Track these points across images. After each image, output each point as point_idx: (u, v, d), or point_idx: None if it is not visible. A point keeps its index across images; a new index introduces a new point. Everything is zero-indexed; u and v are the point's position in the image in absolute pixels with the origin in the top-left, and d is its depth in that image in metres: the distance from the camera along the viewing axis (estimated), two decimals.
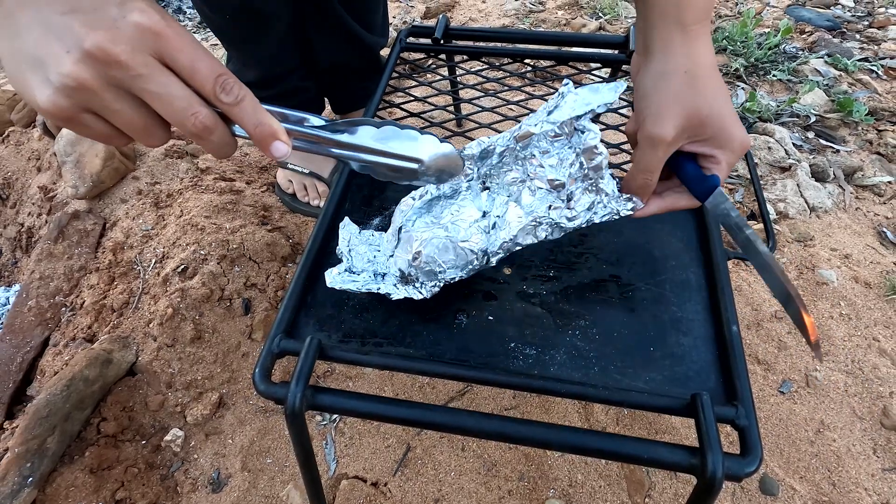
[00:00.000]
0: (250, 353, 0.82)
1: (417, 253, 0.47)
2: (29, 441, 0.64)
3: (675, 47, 0.46)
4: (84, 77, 0.30)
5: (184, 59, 0.32)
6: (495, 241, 0.47)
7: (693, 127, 0.44)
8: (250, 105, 0.34)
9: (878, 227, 1.03)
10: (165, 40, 0.31)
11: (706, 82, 0.45)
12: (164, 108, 0.32)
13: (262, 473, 0.72)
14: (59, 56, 0.30)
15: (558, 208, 0.47)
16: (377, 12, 0.97)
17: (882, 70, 1.38)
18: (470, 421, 0.42)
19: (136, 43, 0.31)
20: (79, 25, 0.30)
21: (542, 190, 0.47)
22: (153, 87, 0.31)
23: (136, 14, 0.31)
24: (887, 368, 0.81)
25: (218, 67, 0.33)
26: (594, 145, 0.45)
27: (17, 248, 1.11)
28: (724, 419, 0.42)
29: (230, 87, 0.33)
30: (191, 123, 0.33)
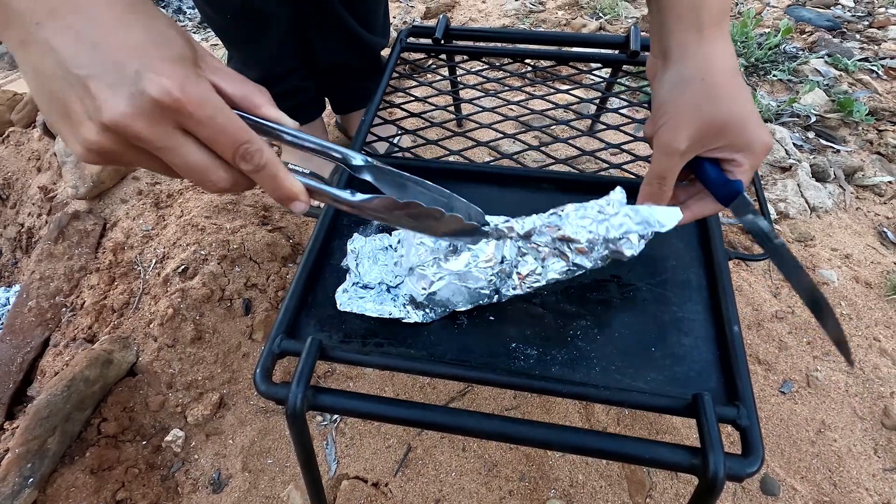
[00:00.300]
0: (251, 353, 0.82)
1: (433, 293, 0.48)
2: (29, 441, 0.64)
3: (692, 52, 0.45)
4: (107, 145, 0.30)
5: (204, 132, 0.31)
6: (511, 289, 0.49)
7: (710, 136, 0.44)
8: (270, 172, 0.34)
9: (879, 227, 1.03)
10: (183, 115, 0.30)
11: (724, 90, 0.44)
12: (186, 174, 0.33)
13: (263, 474, 0.72)
14: (82, 122, 0.30)
15: (574, 272, 0.49)
16: (378, 13, 0.97)
17: (882, 70, 1.38)
18: (471, 421, 0.42)
19: (154, 118, 0.30)
20: (98, 91, 0.29)
21: (564, 263, 0.48)
22: (173, 159, 0.31)
23: (152, 86, 0.29)
24: (888, 368, 0.81)
25: (239, 135, 0.32)
26: (625, 254, 0.47)
27: (18, 249, 1.11)
28: (726, 419, 0.42)
29: (250, 157, 0.33)
30: (210, 188, 0.34)
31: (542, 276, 0.49)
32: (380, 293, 0.51)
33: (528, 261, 0.49)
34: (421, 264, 0.48)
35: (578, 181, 0.63)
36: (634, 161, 0.70)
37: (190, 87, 0.30)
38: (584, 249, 0.47)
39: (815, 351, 0.84)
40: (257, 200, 1.01)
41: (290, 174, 0.35)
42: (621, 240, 0.47)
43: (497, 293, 0.50)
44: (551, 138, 0.77)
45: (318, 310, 0.52)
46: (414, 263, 0.48)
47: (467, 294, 0.49)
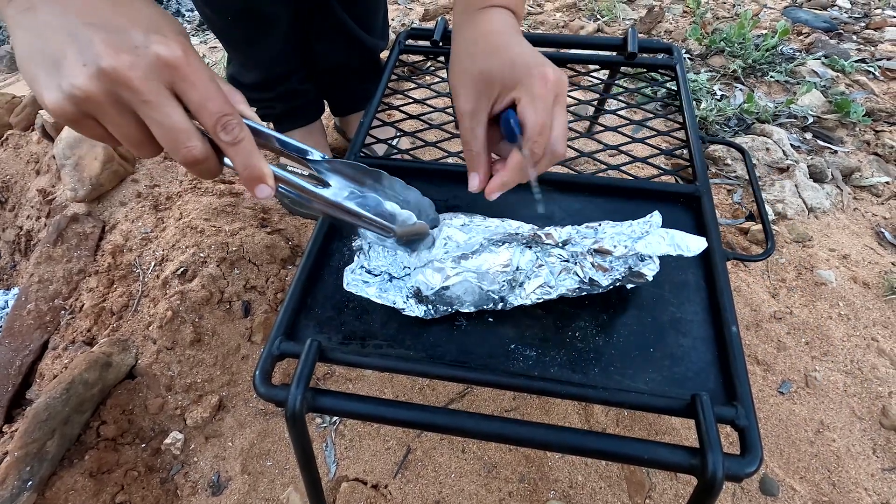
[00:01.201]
0: (250, 355, 0.82)
1: (445, 287, 0.48)
2: (28, 445, 0.64)
3: (463, 31, 0.50)
4: (94, 91, 0.32)
5: (195, 94, 0.33)
6: (518, 298, 0.49)
7: (482, 88, 0.46)
8: (246, 148, 0.36)
9: (876, 227, 1.03)
10: (181, 74, 0.33)
11: (486, 45, 0.47)
12: (162, 135, 0.34)
13: (263, 476, 0.72)
14: (75, 66, 0.31)
15: (584, 291, 0.50)
16: (377, 15, 0.97)
17: (879, 71, 1.38)
18: (470, 423, 0.42)
19: (151, 72, 0.32)
20: (101, 42, 0.31)
21: (578, 278, 0.49)
22: (156, 115, 0.33)
23: (159, 46, 0.32)
24: (886, 368, 0.82)
25: (225, 107, 0.34)
26: (647, 276, 0.49)
27: (16, 252, 1.11)
28: (724, 419, 0.42)
29: (231, 128, 0.35)
30: (182, 154, 0.34)
31: (553, 289, 0.49)
32: (384, 281, 0.51)
33: (542, 273, 0.49)
34: (439, 258, 0.49)
35: (576, 183, 0.64)
36: (633, 162, 0.70)
37: (191, 54, 0.33)
38: (605, 267, 0.48)
39: (814, 351, 0.84)
40: (256, 203, 1.01)
41: (262, 157, 0.37)
42: (646, 261, 0.48)
43: (503, 301, 0.50)
44: None
45: (318, 312, 0.52)
46: (433, 257, 0.49)
47: (478, 295, 0.49)
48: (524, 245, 0.50)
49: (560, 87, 0.45)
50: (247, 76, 0.92)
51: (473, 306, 0.50)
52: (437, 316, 0.50)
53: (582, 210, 0.61)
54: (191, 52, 0.33)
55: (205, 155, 0.35)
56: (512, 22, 0.50)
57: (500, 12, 0.50)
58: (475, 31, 0.49)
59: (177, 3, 2.07)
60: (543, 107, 0.44)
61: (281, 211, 1.02)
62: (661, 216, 0.49)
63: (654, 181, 0.64)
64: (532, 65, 0.45)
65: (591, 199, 0.62)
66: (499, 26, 0.49)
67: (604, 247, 0.48)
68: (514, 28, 0.50)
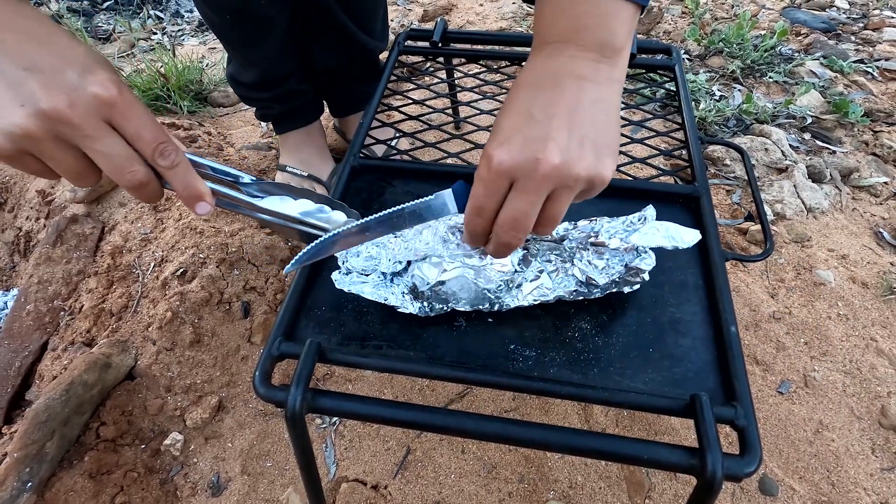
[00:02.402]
0: (249, 356, 0.82)
1: (441, 282, 0.48)
2: (28, 446, 0.64)
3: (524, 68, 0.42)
4: (32, 129, 0.33)
5: (130, 126, 0.36)
6: (514, 299, 0.50)
7: None
8: (182, 170, 0.39)
9: (875, 227, 1.03)
10: (118, 110, 0.35)
11: (509, 99, 0.40)
12: (105, 164, 0.36)
13: (262, 477, 0.72)
14: (12, 107, 0.33)
15: (581, 294, 0.50)
16: (377, 16, 0.97)
17: (877, 72, 1.38)
18: (471, 423, 0.42)
19: (90, 109, 0.34)
20: (37, 85, 0.33)
21: (576, 279, 0.49)
22: (98, 147, 0.36)
23: (95, 85, 0.34)
24: (885, 368, 0.82)
25: (160, 135, 0.37)
26: (644, 270, 0.48)
27: (15, 253, 1.11)
28: (724, 419, 0.42)
29: (167, 154, 0.38)
30: (127, 179, 0.37)
31: (550, 291, 0.49)
32: (380, 279, 0.51)
33: (540, 275, 0.49)
34: (437, 253, 0.49)
35: None
36: (632, 163, 0.70)
37: (125, 91, 0.36)
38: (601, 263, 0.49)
39: (813, 351, 0.84)
40: None
41: (198, 177, 0.40)
42: (641, 255, 0.48)
43: (499, 301, 0.50)
44: None
45: (317, 312, 0.52)
46: (429, 252, 0.49)
47: (474, 292, 0.49)
48: (521, 247, 0.50)
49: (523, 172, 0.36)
50: (245, 76, 0.92)
51: (469, 304, 0.50)
52: (431, 314, 0.50)
53: (580, 210, 0.61)
54: (124, 88, 0.36)
55: (147, 178, 0.38)
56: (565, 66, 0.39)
57: (559, 54, 0.39)
58: (519, 79, 0.41)
59: (175, 3, 2.07)
60: (481, 189, 0.38)
61: None
62: (654, 210, 0.50)
63: (653, 181, 0.64)
64: (498, 139, 0.37)
65: (589, 200, 0.62)
66: (537, 74, 0.39)
67: (599, 240, 0.48)
68: (555, 76, 0.38)
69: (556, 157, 0.36)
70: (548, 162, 0.36)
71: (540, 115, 0.37)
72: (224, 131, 1.23)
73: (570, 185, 0.37)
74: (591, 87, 0.38)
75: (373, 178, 0.66)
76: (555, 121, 0.37)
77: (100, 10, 1.87)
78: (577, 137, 0.37)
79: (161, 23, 1.85)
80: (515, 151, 0.36)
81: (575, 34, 0.39)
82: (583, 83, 0.38)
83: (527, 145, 0.36)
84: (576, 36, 0.39)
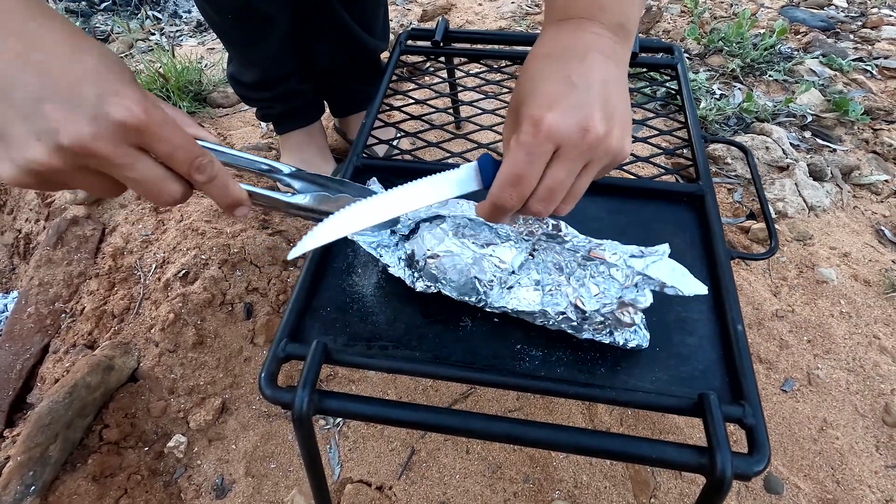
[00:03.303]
0: (252, 357, 0.81)
1: (435, 255, 0.48)
2: (31, 449, 0.64)
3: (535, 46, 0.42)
4: (56, 165, 0.30)
5: (163, 148, 0.33)
6: (500, 299, 0.48)
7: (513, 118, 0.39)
8: (220, 182, 0.37)
9: (876, 225, 1.04)
10: (146, 133, 0.32)
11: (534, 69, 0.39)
12: (140, 189, 0.34)
13: (266, 479, 0.71)
14: (27, 141, 0.29)
15: (569, 322, 0.47)
16: (378, 16, 0.97)
17: (876, 70, 1.39)
18: (479, 423, 0.42)
19: (116, 138, 0.31)
20: (53, 113, 0.29)
21: (568, 300, 0.46)
22: (132, 174, 0.33)
23: (117, 108, 0.30)
24: (888, 366, 0.82)
25: (194, 150, 0.34)
26: (639, 307, 0.44)
27: (15, 255, 1.10)
28: (732, 418, 0.42)
29: (204, 169, 0.35)
30: (163, 201, 0.35)
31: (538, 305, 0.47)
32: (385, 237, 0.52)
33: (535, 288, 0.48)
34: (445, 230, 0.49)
35: None
36: (634, 162, 0.70)
37: (151, 109, 0.32)
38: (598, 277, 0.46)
39: (816, 349, 0.84)
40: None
41: (234, 181, 0.38)
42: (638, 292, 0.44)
43: (486, 297, 0.48)
44: None
45: (322, 313, 0.52)
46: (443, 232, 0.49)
47: (465, 277, 0.48)
48: (527, 251, 0.49)
49: (570, 140, 0.35)
50: (246, 75, 0.92)
51: (456, 291, 0.49)
52: (416, 289, 0.50)
53: (585, 209, 0.61)
54: (150, 106, 0.32)
55: (183, 195, 0.36)
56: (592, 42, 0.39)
57: (583, 29, 0.40)
58: (539, 48, 0.41)
59: (174, 4, 2.07)
60: (523, 156, 0.36)
61: (282, 213, 1.02)
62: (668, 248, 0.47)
63: (657, 180, 0.64)
64: (542, 103, 0.36)
65: (594, 199, 0.62)
66: (564, 44, 0.39)
67: (596, 253, 0.46)
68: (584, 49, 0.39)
69: (602, 127, 0.36)
70: (595, 131, 0.35)
71: (581, 83, 0.36)
72: (224, 132, 1.23)
73: (602, 157, 0.37)
74: (613, 65, 0.39)
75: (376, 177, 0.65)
76: (593, 91, 0.36)
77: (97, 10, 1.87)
78: (610, 111, 0.37)
79: (159, 23, 1.85)
80: (566, 117, 0.35)
81: (598, 12, 0.40)
82: (608, 61, 0.38)
83: (574, 112, 0.35)
84: (599, 14, 0.40)
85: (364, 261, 0.56)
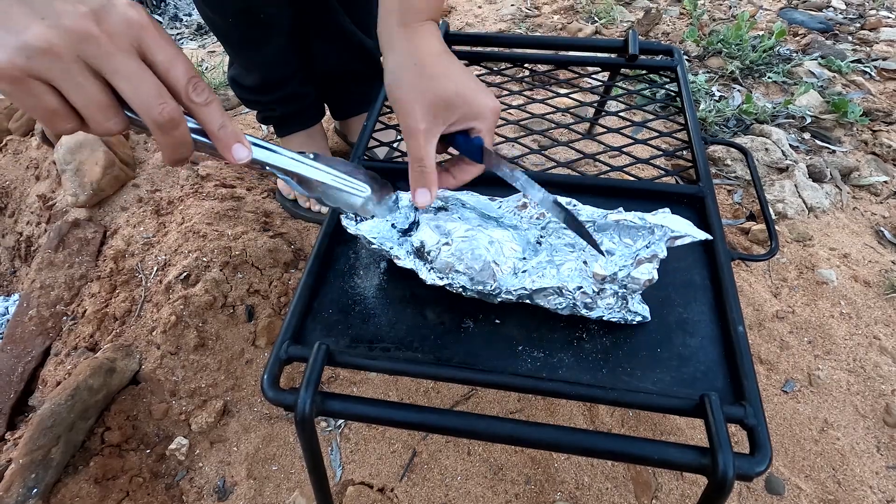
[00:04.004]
0: (254, 359, 0.81)
1: (448, 242, 0.48)
2: (33, 452, 0.64)
3: (402, 44, 0.50)
4: (56, 44, 0.29)
5: (163, 55, 0.32)
6: (516, 281, 0.49)
7: (442, 111, 0.48)
8: (218, 108, 0.35)
9: (876, 226, 1.04)
10: (149, 35, 0.32)
11: (437, 69, 0.49)
12: (134, 92, 0.32)
13: (268, 481, 0.71)
14: (28, 20, 0.29)
15: (585, 294, 0.48)
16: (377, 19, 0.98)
17: (875, 71, 1.39)
18: (483, 424, 0.42)
19: (120, 28, 0.31)
20: (62, 2, 0.30)
21: (584, 273, 0.48)
22: (126, 70, 0.31)
23: (125, 6, 0.31)
24: (888, 366, 0.82)
25: (193, 70, 0.34)
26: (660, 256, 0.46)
27: (16, 258, 1.11)
28: (733, 419, 0.42)
29: (202, 89, 0.34)
30: (157, 112, 0.32)
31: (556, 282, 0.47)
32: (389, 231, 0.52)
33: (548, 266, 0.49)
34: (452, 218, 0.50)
35: (582, 184, 0.64)
36: (635, 164, 0.70)
37: (153, 20, 0.33)
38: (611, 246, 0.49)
39: (817, 350, 0.84)
40: (258, 207, 1.01)
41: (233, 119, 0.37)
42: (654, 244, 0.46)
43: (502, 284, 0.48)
44: (551, 142, 0.78)
45: (324, 315, 0.52)
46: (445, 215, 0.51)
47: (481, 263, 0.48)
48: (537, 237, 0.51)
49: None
50: (247, 78, 0.92)
51: (471, 279, 0.48)
52: (426, 280, 0.49)
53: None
54: (152, 18, 0.33)
55: (178, 116, 0.33)
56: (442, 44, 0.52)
57: (434, 33, 0.51)
58: (421, 50, 0.50)
59: (174, 7, 2.07)
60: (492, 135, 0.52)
61: (283, 215, 1.02)
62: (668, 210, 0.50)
63: (657, 182, 0.64)
64: (486, 99, 0.49)
65: (595, 201, 0.62)
66: (442, 47, 0.51)
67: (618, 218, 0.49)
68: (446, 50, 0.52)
69: None
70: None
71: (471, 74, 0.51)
72: None
73: None
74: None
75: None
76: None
77: None
78: None
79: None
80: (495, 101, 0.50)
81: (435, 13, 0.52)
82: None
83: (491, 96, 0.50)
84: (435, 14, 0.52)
85: (366, 263, 0.57)
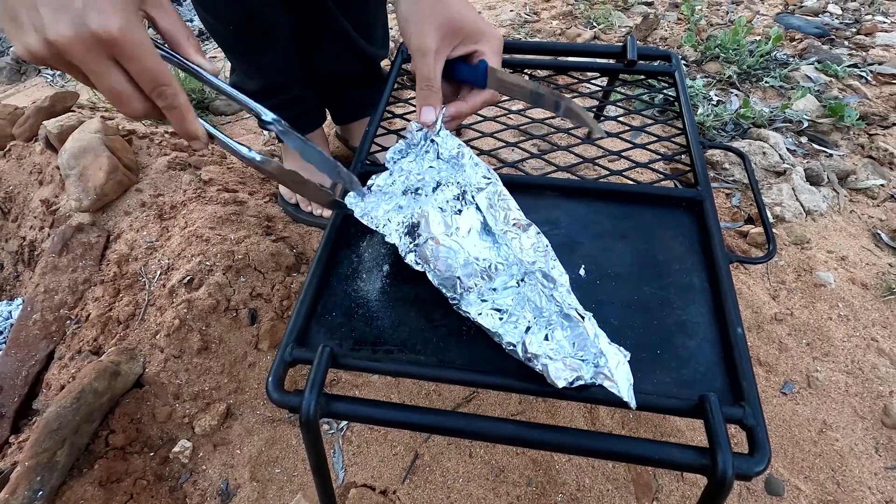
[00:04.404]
0: (257, 363, 0.82)
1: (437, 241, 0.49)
2: (39, 454, 0.64)
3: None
4: (42, 54, 0.37)
5: (132, 68, 0.38)
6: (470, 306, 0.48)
7: (451, 33, 0.52)
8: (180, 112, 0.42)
9: (873, 229, 1.05)
10: (118, 49, 0.37)
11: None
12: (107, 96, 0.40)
13: (271, 483, 0.72)
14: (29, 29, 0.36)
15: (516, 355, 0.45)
16: (377, 24, 0.99)
17: (871, 76, 1.40)
18: (487, 426, 0.43)
19: (90, 46, 0.36)
20: (44, 12, 0.35)
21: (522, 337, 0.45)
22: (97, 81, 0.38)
23: (95, 21, 0.35)
24: (886, 368, 0.83)
25: (161, 77, 0.40)
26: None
27: (20, 262, 1.11)
28: (732, 419, 0.43)
29: (165, 96, 0.41)
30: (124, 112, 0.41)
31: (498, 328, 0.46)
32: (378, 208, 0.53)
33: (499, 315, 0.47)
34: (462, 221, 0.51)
35: (582, 188, 0.65)
36: (634, 168, 0.71)
37: (128, 30, 0.37)
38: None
39: (815, 352, 0.85)
40: (260, 211, 1.01)
41: (197, 119, 0.44)
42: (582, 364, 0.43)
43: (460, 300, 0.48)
44: (551, 146, 0.78)
45: (328, 318, 0.53)
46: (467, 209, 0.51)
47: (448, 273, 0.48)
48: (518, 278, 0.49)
49: None
50: (248, 84, 0.93)
51: (438, 279, 0.48)
52: (405, 259, 0.50)
53: (587, 214, 0.62)
54: (128, 26, 0.36)
55: (145, 112, 0.41)
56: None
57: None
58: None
59: None
60: (499, 58, 0.56)
61: (285, 219, 1.03)
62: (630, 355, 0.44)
63: (656, 186, 0.65)
64: (491, 28, 0.55)
65: (595, 204, 0.63)
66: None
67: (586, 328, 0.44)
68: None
69: None
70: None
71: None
72: None
73: None
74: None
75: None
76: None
77: None
78: None
79: None
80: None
81: None
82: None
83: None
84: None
85: (369, 266, 0.57)
